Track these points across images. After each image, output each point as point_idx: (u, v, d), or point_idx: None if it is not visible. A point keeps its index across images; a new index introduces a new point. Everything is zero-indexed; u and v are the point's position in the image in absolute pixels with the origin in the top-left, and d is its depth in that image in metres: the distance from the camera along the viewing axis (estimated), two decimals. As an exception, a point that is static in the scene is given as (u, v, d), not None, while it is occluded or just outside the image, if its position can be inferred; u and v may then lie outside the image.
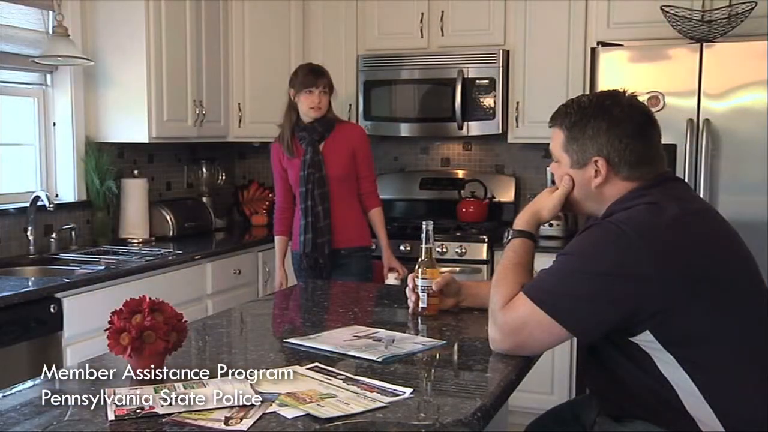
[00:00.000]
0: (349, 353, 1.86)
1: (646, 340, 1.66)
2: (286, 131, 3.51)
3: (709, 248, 1.71)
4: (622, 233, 1.65)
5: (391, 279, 3.58)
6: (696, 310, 1.64)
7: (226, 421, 1.42)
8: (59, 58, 3.53)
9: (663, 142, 1.84)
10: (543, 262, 3.85)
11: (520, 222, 1.92)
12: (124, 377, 1.68)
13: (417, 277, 2.19)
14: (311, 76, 3.47)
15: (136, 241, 3.88)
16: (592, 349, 1.77)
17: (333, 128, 3.50)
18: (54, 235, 3.61)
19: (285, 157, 3.51)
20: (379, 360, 1.80)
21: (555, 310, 1.68)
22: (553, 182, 4.81)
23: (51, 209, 3.45)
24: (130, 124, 3.80)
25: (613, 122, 1.77)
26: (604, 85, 3.50)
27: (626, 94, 1.83)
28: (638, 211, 1.71)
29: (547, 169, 4.30)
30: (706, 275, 1.66)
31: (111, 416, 1.45)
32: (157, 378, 1.67)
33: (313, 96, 3.44)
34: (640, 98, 1.87)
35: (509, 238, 1.90)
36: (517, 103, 4.11)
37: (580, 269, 1.69)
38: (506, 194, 4.42)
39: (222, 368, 1.82)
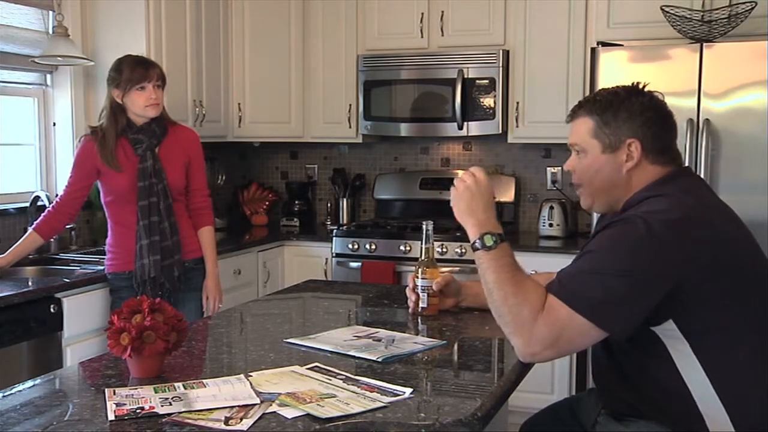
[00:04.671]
0: (349, 353, 1.86)
1: (667, 328, 1.66)
2: (109, 138, 2.95)
3: (730, 241, 1.73)
4: (650, 228, 1.65)
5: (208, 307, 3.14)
6: (718, 299, 1.66)
7: (226, 421, 1.42)
8: (59, 58, 3.53)
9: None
10: (544, 262, 3.84)
11: (491, 224, 1.77)
12: (124, 377, 1.69)
13: (417, 277, 2.19)
14: (141, 68, 2.95)
15: (136, 241, 3.87)
16: (603, 342, 1.74)
17: (167, 131, 3.05)
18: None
19: (102, 163, 2.96)
20: (379, 360, 1.80)
21: (594, 315, 1.63)
22: (554, 182, 4.81)
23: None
24: (130, 124, 3.80)
25: (644, 106, 1.80)
26: (604, 85, 3.48)
27: (645, 87, 1.85)
28: (661, 204, 1.71)
29: (547, 169, 4.35)
30: (727, 266, 1.67)
31: (111, 416, 1.45)
32: (157, 378, 1.67)
33: (147, 91, 2.93)
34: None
35: (494, 243, 1.74)
36: (517, 103, 4.11)
37: (614, 268, 1.65)
38: (506, 194, 4.42)
39: (222, 368, 1.82)
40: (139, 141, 2.97)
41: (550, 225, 4.12)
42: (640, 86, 1.85)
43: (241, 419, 1.43)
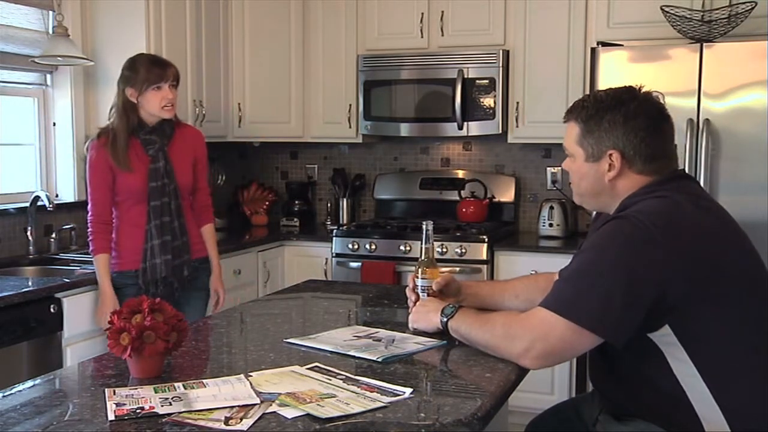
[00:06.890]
0: (349, 353, 1.86)
1: (663, 334, 1.66)
2: (120, 138, 2.90)
3: (724, 243, 1.72)
4: (641, 227, 1.65)
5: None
6: (713, 302, 1.65)
7: (226, 421, 1.42)
8: (59, 58, 3.53)
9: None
10: (544, 262, 3.83)
11: (441, 305, 2.01)
12: (124, 377, 1.69)
13: (417, 277, 2.19)
14: (157, 68, 2.93)
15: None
16: (599, 346, 1.74)
17: (174, 130, 3.05)
18: (54, 235, 3.61)
19: (114, 164, 2.93)
20: (379, 360, 1.80)
21: (574, 314, 1.64)
22: (554, 182, 4.81)
23: (51, 209, 3.45)
24: (130, 124, 3.79)
25: (629, 116, 1.78)
26: (604, 85, 3.49)
27: (641, 90, 1.84)
28: (653, 205, 1.71)
29: (547, 169, 4.35)
30: (721, 269, 1.67)
31: (111, 416, 1.45)
32: (157, 378, 1.67)
33: (163, 91, 2.91)
34: None
35: (453, 309, 1.96)
36: (517, 103, 4.11)
37: (603, 268, 1.66)
38: (506, 194, 4.42)
39: (222, 368, 1.82)
40: (151, 141, 2.97)
41: (550, 225, 4.12)
42: (635, 89, 1.83)
43: (241, 419, 1.43)
